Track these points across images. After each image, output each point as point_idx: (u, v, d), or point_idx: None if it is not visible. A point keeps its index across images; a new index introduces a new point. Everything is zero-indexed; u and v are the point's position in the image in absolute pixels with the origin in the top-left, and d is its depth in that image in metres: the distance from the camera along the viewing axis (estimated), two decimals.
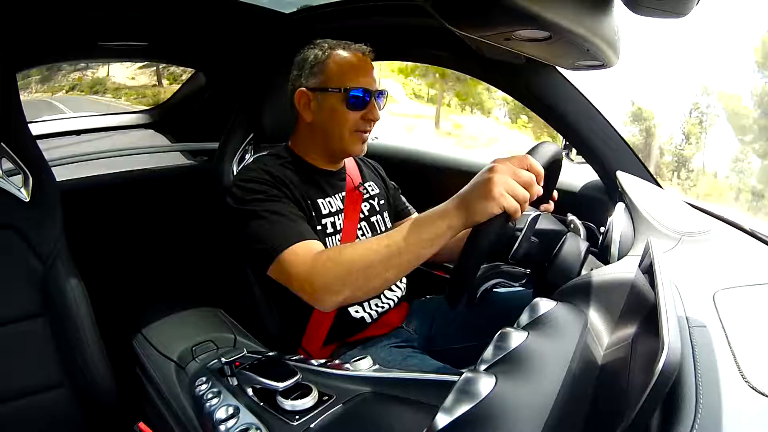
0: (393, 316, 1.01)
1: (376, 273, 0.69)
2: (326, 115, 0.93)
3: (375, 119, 0.94)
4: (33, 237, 0.84)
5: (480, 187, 0.63)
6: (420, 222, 0.67)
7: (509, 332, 0.51)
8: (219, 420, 0.65)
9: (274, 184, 0.88)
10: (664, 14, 0.52)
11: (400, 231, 0.68)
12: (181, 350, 0.86)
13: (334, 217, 0.95)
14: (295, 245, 0.78)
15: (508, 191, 0.62)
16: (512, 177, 0.62)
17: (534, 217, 0.71)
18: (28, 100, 4.42)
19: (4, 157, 0.84)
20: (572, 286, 0.70)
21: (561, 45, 0.57)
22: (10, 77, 0.85)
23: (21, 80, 4.04)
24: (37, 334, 0.83)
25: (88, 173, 1.48)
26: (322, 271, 0.73)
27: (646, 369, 0.37)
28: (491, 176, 0.62)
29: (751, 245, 0.77)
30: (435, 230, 0.66)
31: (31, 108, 0.96)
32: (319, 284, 0.73)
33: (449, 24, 0.50)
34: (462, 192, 0.66)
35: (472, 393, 0.42)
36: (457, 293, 0.69)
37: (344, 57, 0.93)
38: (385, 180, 1.17)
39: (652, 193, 0.89)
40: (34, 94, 4.89)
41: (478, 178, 0.64)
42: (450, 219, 0.65)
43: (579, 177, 1.16)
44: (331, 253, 0.75)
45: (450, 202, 0.66)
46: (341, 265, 0.71)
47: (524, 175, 0.63)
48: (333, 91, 0.91)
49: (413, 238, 0.66)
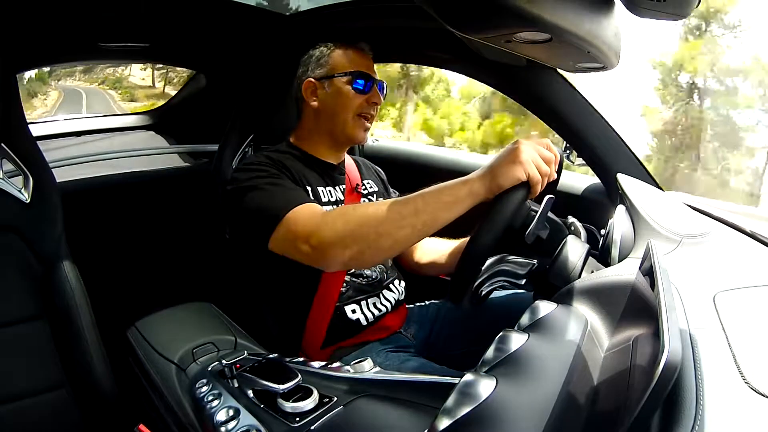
0: (391, 320, 1.00)
1: (388, 230, 0.66)
2: (333, 99, 0.97)
3: (378, 102, 0.99)
4: (33, 238, 0.84)
5: (507, 154, 0.65)
6: (441, 186, 0.67)
7: (510, 334, 0.51)
8: (219, 422, 0.65)
9: (274, 166, 0.89)
10: (665, 16, 0.52)
11: (419, 194, 0.67)
12: (182, 352, 0.86)
13: (332, 206, 0.96)
14: (299, 206, 0.77)
15: (534, 161, 0.64)
16: (537, 154, 0.66)
17: (549, 198, 0.72)
18: (67, 86, 4.59)
19: (4, 158, 0.84)
20: (573, 288, 0.70)
21: (561, 47, 0.58)
22: (10, 77, 0.85)
23: (67, 69, 4.21)
24: (38, 336, 0.83)
25: (89, 174, 1.48)
26: (331, 224, 0.71)
27: (646, 371, 0.37)
28: (518, 146, 0.65)
29: (751, 247, 0.77)
30: (456, 193, 0.65)
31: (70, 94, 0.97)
32: (327, 237, 0.70)
33: (450, 26, 0.50)
34: (487, 164, 0.67)
35: (473, 395, 0.42)
36: (462, 286, 0.68)
37: (348, 49, 1.00)
38: (386, 184, 1.18)
39: (652, 195, 0.89)
40: (76, 82, 5.07)
41: (503, 151, 0.67)
42: (473, 184, 0.65)
43: (580, 179, 1.16)
44: (342, 209, 0.75)
45: (475, 173, 0.67)
46: (352, 218, 0.69)
47: (546, 153, 0.67)
48: (339, 76, 0.97)
49: (432, 199, 0.66)
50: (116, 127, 1.90)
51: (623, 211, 0.86)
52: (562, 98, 0.99)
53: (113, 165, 1.54)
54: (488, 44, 0.58)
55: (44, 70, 4.65)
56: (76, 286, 0.86)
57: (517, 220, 0.73)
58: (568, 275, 0.75)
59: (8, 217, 0.82)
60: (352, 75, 0.96)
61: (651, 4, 0.50)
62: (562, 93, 0.98)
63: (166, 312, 1.02)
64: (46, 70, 4.77)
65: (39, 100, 4.15)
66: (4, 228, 0.82)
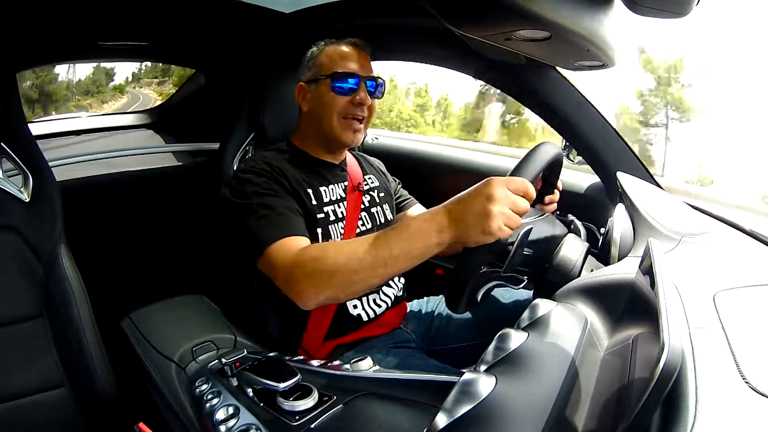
0: (391, 316, 1.01)
1: (361, 279, 0.69)
2: (316, 102, 0.96)
3: (363, 103, 0.95)
4: (33, 237, 0.84)
5: (478, 219, 0.62)
6: (412, 234, 0.66)
7: (509, 333, 0.51)
8: (219, 420, 0.65)
9: (272, 176, 0.89)
10: (664, 14, 0.52)
11: (389, 239, 0.67)
12: (182, 351, 0.86)
13: (335, 205, 0.97)
14: (281, 240, 0.78)
15: (506, 223, 0.61)
16: (510, 207, 0.62)
17: (526, 231, 0.70)
18: (134, 92, 4.76)
19: (3, 157, 0.84)
20: (572, 287, 0.70)
21: (561, 45, 0.58)
22: (10, 77, 0.84)
23: (146, 80, 4.32)
24: (38, 335, 0.83)
25: (88, 173, 1.48)
26: (305, 270, 0.72)
27: (646, 370, 0.37)
28: (490, 208, 0.61)
29: (751, 246, 0.77)
30: (425, 244, 0.65)
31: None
32: (300, 281, 0.72)
33: (450, 24, 0.50)
34: (459, 212, 0.64)
35: (473, 393, 0.42)
36: (456, 298, 0.71)
37: (335, 48, 0.98)
38: (386, 174, 1.18)
39: (652, 194, 0.89)
40: (147, 90, 5.29)
41: (476, 205, 0.62)
42: (442, 237, 0.65)
43: (579, 178, 1.16)
44: (316, 252, 0.74)
45: (445, 217, 0.65)
46: (325, 266, 0.70)
47: (521, 204, 0.62)
48: (322, 78, 0.95)
49: (402, 251, 0.66)
50: (115, 126, 1.90)
51: (623, 209, 0.86)
52: (561, 96, 0.98)
53: (113, 164, 1.54)
54: (488, 42, 0.58)
55: (121, 81, 5.28)
56: (75, 285, 0.86)
57: (494, 255, 0.71)
58: (567, 274, 0.75)
59: (8, 217, 0.82)
60: (332, 77, 0.94)
61: (651, 2, 0.50)
62: (561, 91, 0.98)
63: (160, 305, 1.02)
64: (121, 80, 5.33)
65: (113, 102, 4.98)
66: (4, 227, 0.82)
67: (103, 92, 5.14)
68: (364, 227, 1.01)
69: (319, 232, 0.92)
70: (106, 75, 5.22)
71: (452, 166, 1.46)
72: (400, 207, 1.16)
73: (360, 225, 1.00)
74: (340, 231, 0.95)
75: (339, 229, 0.95)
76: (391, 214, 1.09)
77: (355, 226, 0.98)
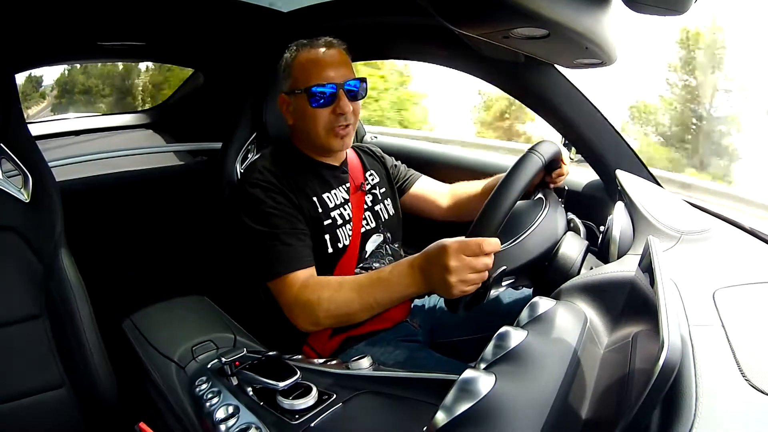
0: (396, 311, 1.01)
1: (352, 318, 0.82)
2: (299, 116, 0.96)
3: (344, 112, 0.92)
4: (33, 238, 0.84)
5: (440, 284, 0.70)
6: (392, 285, 0.77)
7: (509, 331, 0.51)
8: (219, 419, 0.65)
9: (279, 189, 0.91)
10: (663, 11, 0.52)
11: (374, 287, 0.78)
12: (181, 350, 0.86)
13: (340, 208, 0.98)
14: (286, 276, 0.86)
15: (467, 285, 0.69)
16: (467, 269, 0.68)
17: (498, 275, 0.73)
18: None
19: (3, 158, 0.84)
20: (572, 285, 0.70)
21: (559, 43, 0.57)
22: (9, 77, 0.85)
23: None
24: (38, 335, 0.83)
25: (88, 173, 1.48)
26: (304, 310, 0.84)
27: (645, 368, 0.37)
28: (448, 278, 0.69)
29: (750, 244, 0.77)
30: (403, 294, 0.77)
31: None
32: (299, 319, 0.84)
33: (448, 22, 0.50)
34: (426, 271, 0.73)
35: (472, 391, 0.42)
36: (454, 304, 0.75)
37: (307, 56, 0.94)
38: (384, 159, 1.17)
39: (651, 191, 0.89)
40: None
41: (436, 273, 0.71)
42: (417, 288, 0.75)
43: (579, 176, 1.16)
44: (313, 296, 0.83)
45: (417, 273, 0.74)
46: (320, 309, 0.82)
47: (480, 266, 0.68)
48: (299, 93, 0.93)
49: (384, 298, 0.78)
50: (115, 126, 1.90)
51: (622, 207, 0.85)
52: (560, 94, 0.98)
53: (112, 164, 1.54)
54: (486, 40, 0.58)
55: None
56: (75, 285, 0.86)
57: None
58: (567, 272, 0.75)
59: (8, 217, 0.82)
60: (306, 91, 0.91)
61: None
62: (560, 89, 0.98)
63: (162, 306, 1.02)
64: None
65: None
66: (4, 228, 0.82)
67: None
68: (369, 226, 1.02)
69: (327, 238, 0.94)
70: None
71: (452, 165, 1.46)
72: (404, 189, 1.16)
73: (365, 224, 1.01)
74: (348, 233, 0.97)
75: (347, 231, 0.97)
76: (393, 209, 1.09)
77: (360, 227, 1.00)
